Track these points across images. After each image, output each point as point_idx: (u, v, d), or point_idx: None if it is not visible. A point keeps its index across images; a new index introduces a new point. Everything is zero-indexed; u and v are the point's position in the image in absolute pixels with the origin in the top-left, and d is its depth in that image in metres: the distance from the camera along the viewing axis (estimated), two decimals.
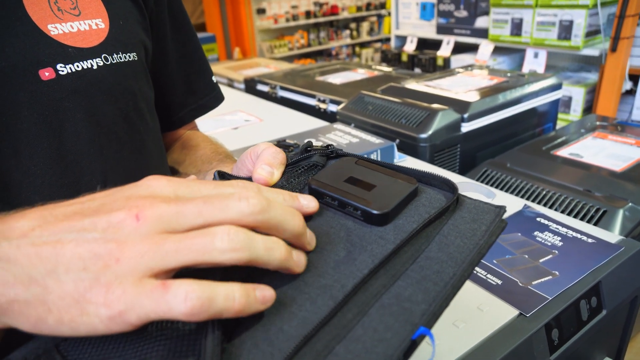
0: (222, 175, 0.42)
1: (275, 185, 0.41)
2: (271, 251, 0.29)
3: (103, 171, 0.52)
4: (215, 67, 2.60)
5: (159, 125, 0.62)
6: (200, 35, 3.03)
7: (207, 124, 1.34)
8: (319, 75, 1.95)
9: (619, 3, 1.86)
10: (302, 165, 0.43)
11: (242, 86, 2.16)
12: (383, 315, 0.29)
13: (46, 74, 0.46)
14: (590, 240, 0.65)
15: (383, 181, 0.39)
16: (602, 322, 0.59)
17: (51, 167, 0.48)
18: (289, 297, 0.31)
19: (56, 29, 0.48)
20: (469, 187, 0.40)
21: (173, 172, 0.67)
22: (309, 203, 0.36)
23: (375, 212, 0.36)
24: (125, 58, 0.53)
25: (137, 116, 0.55)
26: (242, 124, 1.35)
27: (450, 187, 0.38)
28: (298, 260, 0.31)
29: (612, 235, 0.67)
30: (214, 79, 0.72)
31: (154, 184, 0.30)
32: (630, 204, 0.86)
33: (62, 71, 0.47)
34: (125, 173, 0.54)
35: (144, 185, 0.30)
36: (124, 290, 0.25)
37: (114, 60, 0.52)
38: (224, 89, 1.87)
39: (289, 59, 5.48)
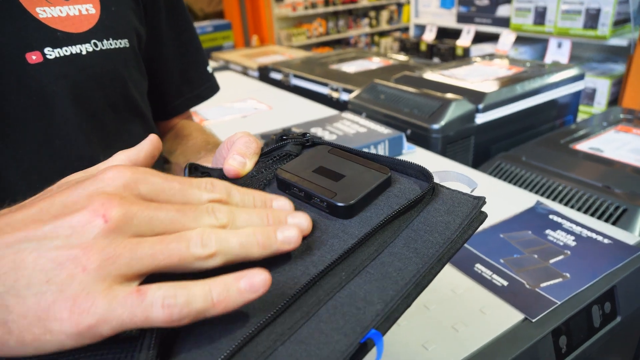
0: (195, 168, 0.40)
1: (245, 176, 0.40)
2: (247, 247, 0.27)
3: (91, 158, 0.50)
4: (230, 55, 2.57)
5: (151, 113, 0.61)
6: (215, 22, 3.01)
7: (216, 111, 1.32)
8: (333, 64, 1.91)
9: None
10: (275, 155, 0.41)
11: (256, 74, 2.13)
12: (333, 315, 0.27)
13: (33, 57, 0.45)
14: (606, 240, 0.61)
15: (353, 171, 0.37)
16: (616, 329, 0.55)
17: (38, 153, 0.47)
18: None
19: (45, 13, 0.47)
20: (452, 177, 0.37)
21: (165, 161, 0.66)
22: (284, 205, 0.33)
23: (339, 204, 0.34)
24: (116, 45, 0.52)
25: (127, 104, 0.54)
26: (251, 112, 1.32)
27: (426, 176, 0.36)
28: (285, 239, 0.29)
29: (631, 236, 0.62)
30: (210, 69, 0.71)
31: (117, 176, 0.27)
32: None
33: (50, 55, 0.46)
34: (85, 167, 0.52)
35: (106, 179, 0.27)
36: (93, 302, 0.23)
37: (104, 46, 0.51)
38: (238, 77, 1.85)
39: (307, 47, 5.43)
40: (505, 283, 0.55)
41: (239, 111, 1.34)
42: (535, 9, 2.19)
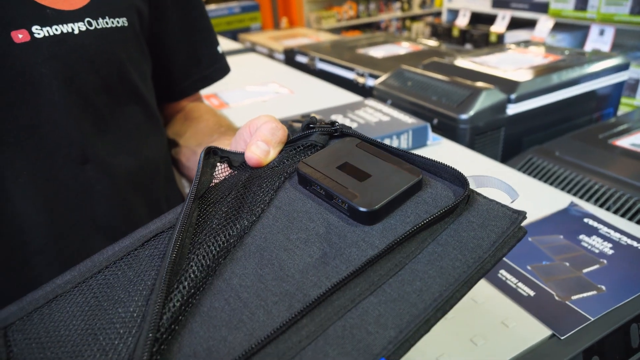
0: (214, 152, 0.38)
1: (266, 166, 0.37)
2: None
3: (82, 144, 0.47)
4: (256, 37, 2.54)
5: (154, 97, 0.57)
6: (243, 3, 2.96)
7: (236, 95, 1.29)
8: (361, 48, 1.85)
9: None
10: (300, 144, 0.39)
11: (282, 57, 2.09)
12: (341, 338, 0.25)
13: (19, 36, 0.42)
14: None
15: (381, 170, 0.33)
16: None
17: (25, 138, 0.44)
18: (242, 301, 0.28)
19: None
20: (491, 183, 0.32)
21: (173, 144, 0.62)
22: None
23: (361, 209, 0.30)
24: (113, 23, 0.49)
25: (123, 87, 0.51)
26: (272, 96, 1.28)
27: (462, 182, 0.31)
28: None
29: None
30: (220, 49, 0.66)
31: None
32: None
33: (39, 34, 0.43)
34: (106, 148, 0.49)
35: None
36: None
37: (99, 25, 0.47)
38: (262, 60, 1.81)
39: (337, 30, 5.34)
40: (532, 293, 0.50)
41: (260, 95, 1.30)
42: None
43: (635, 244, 0.56)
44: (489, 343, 0.45)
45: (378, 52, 1.77)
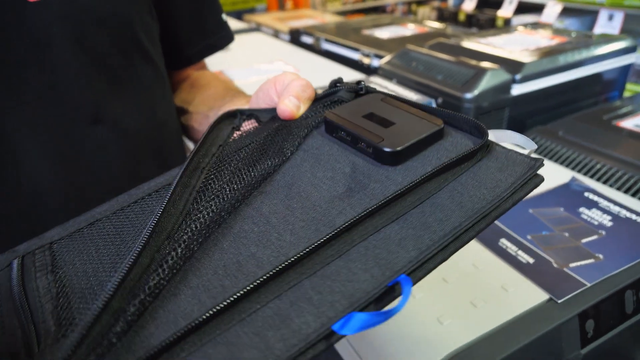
0: (233, 115, 0.42)
1: (296, 119, 0.40)
2: None
3: (95, 104, 0.48)
4: (262, 17, 2.52)
5: (163, 62, 0.58)
6: None
7: (242, 72, 1.29)
8: (366, 29, 1.85)
9: None
10: (326, 101, 0.41)
11: (287, 37, 2.09)
12: (364, 256, 0.27)
13: None
14: None
15: (405, 119, 0.35)
16: None
17: (41, 97, 0.45)
18: (271, 225, 0.30)
19: None
20: (509, 137, 0.34)
21: (182, 112, 0.63)
22: None
23: (386, 149, 0.32)
24: None
25: (135, 47, 0.51)
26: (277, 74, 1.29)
27: (480, 132, 0.33)
28: None
29: None
30: (224, 17, 0.67)
31: None
32: None
33: None
34: (120, 106, 0.50)
35: None
36: None
37: None
38: (268, 39, 1.81)
39: (342, 14, 5.29)
40: (531, 260, 0.51)
41: (266, 73, 1.30)
42: None
43: (634, 216, 0.57)
44: (488, 305, 0.46)
45: (383, 33, 1.76)
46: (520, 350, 0.42)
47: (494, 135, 0.34)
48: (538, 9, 2.39)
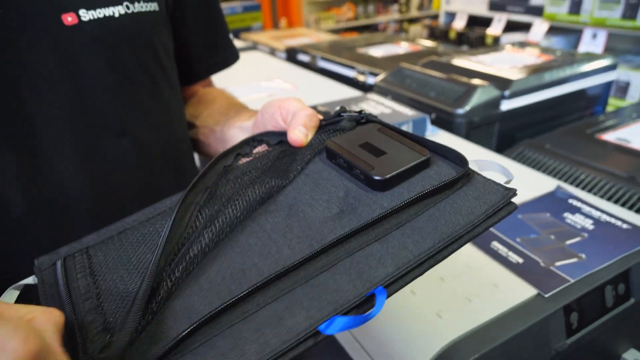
0: (246, 142, 0.48)
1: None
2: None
3: (120, 118, 0.52)
4: (258, 36, 2.59)
5: (177, 77, 0.63)
6: (245, 3, 3.02)
7: (243, 89, 1.34)
8: (361, 47, 1.91)
9: None
10: (330, 129, 0.46)
11: (284, 55, 2.15)
12: (349, 269, 0.32)
13: (69, 19, 0.47)
14: (625, 225, 0.61)
15: (395, 149, 0.40)
16: (629, 311, 0.56)
17: (72, 111, 0.49)
18: (272, 240, 0.35)
19: None
20: (490, 167, 0.38)
21: (190, 126, 0.68)
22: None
23: (375, 177, 0.37)
24: (147, 8, 0.53)
25: (156, 66, 0.56)
26: (277, 91, 1.34)
27: (462, 162, 0.37)
28: None
29: None
30: (231, 36, 0.72)
31: None
32: None
33: (85, 17, 0.48)
34: (144, 118, 0.55)
35: None
36: None
37: (135, 9, 0.52)
38: (266, 57, 1.87)
39: (335, 32, 5.40)
40: (521, 260, 0.56)
41: (266, 90, 1.36)
42: None
43: (613, 220, 0.62)
44: (482, 300, 0.51)
45: (378, 51, 1.83)
46: (512, 339, 0.47)
47: (477, 164, 0.39)
48: (526, 27, 2.48)
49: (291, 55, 2.06)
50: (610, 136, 1.03)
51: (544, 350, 0.49)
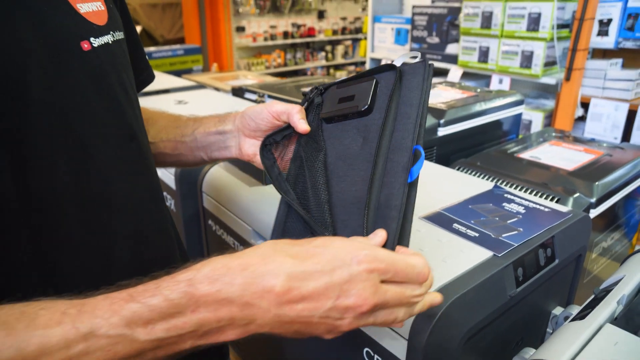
0: (264, 145, 0.67)
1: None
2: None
3: (130, 125, 0.61)
4: (200, 77, 2.71)
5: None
6: (186, 46, 3.14)
7: None
8: (305, 87, 2.10)
9: (571, 38, 2.11)
10: (312, 108, 0.66)
11: (230, 95, 2.28)
12: (395, 147, 0.55)
13: (85, 45, 0.53)
14: (547, 209, 0.81)
15: (357, 89, 0.61)
16: (554, 269, 0.74)
17: (101, 118, 0.56)
18: (348, 176, 0.57)
19: (82, 8, 0.53)
20: (403, 59, 0.62)
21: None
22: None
23: (362, 108, 0.58)
24: (120, 36, 0.61)
25: (132, 88, 0.63)
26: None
27: (392, 67, 0.59)
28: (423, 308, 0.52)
29: (564, 207, 0.83)
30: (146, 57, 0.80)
31: (362, 269, 0.44)
32: (578, 194, 1.03)
33: (95, 44, 0.54)
34: (140, 128, 0.64)
35: (365, 276, 0.44)
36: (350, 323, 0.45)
37: (115, 37, 0.58)
38: (219, 94, 1.99)
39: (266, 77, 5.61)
40: (477, 234, 0.73)
41: None
42: (479, 48, 2.50)
43: (538, 207, 0.82)
44: (453, 261, 0.67)
45: None
46: (479, 285, 0.63)
47: (397, 62, 0.60)
48: (444, 72, 2.83)
49: (238, 94, 2.19)
50: (525, 155, 1.27)
51: (501, 295, 0.65)
